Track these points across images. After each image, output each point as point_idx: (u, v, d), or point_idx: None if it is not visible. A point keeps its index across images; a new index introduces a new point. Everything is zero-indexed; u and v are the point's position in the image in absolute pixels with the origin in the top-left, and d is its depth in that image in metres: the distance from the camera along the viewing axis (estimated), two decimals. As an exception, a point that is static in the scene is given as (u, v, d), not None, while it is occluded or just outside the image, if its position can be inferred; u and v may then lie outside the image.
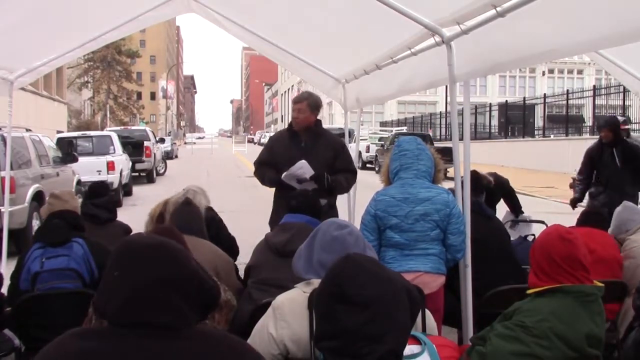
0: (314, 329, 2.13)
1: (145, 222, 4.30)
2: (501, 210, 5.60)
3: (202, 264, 2.78)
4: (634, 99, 20.46)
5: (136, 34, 61.46)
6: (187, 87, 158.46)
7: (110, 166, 14.27)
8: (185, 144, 68.13)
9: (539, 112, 28.86)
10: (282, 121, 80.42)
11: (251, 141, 73.24)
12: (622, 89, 20.29)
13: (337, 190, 4.66)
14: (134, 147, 18.83)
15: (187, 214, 3.71)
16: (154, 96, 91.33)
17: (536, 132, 28.42)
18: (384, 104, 48.85)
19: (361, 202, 4.44)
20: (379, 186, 3.73)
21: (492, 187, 4.89)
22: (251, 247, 3.59)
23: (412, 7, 3.55)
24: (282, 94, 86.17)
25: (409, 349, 1.92)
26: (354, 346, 1.57)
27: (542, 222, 5.31)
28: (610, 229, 4.25)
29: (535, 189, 16.25)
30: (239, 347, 1.58)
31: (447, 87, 4.29)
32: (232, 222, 5.14)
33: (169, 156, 31.10)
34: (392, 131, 30.88)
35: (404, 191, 3.42)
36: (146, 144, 19.73)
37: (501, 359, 2.37)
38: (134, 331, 1.44)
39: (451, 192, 3.61)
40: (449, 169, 4.59)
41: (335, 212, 4.59)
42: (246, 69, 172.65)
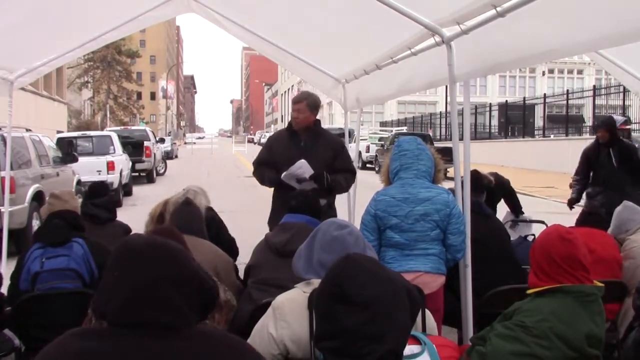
0: (314, 329, 2.13)
1: (145, 222, 4.30)
2: (502, 210, 5.60)
3: (202, 264, 2.78)
4: (634, 99, 20.46)
5: (136, 34, 61.46)
6: (187, 87, 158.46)
7: (110, 166, 14.27)
8: (185, 144, 68.15)
9: (539, 112, 28.85)
10: (282, 121, 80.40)
11: (251, 141, 73.23)
12: (622, 89, 20.28)
13: (337, 190, 4.66)
14: (134, 147, 18.83)
15: (187, 214, 3.71)
16: (154, 96, 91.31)
17: (536, 132, 28.41)
18: (384, 104, 48.85)
19: (361, 202, 4.44)
20: (379, 186, 3.73)
21: (492, 186, 4.88)
22: (251, 247, 3.59)
23: (412, 7, 3.55)
24: (282, 94, 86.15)
25: (409, 349, 1.92)
26: (354, 346, 1.57)
27: (542, 222, 5.31)
28: (610, 229, 4.25)
29: (535, 189, 16.25)
30: (239, 347, 1.58)
31: (447, 87, 4.29)
32: (232, 222, 5.14)
33: (169, 156, 31.11)
34: (392, 131, 30.87)
35: (404, 191, 3.42)
36: (146, 144, 19.74)
37: (501, 359, 2.37)
38: (134, 331, 1.44)
39: (451, 192, 3.61)
40: (449, 169, 4.59)
41: (334, 212, 4.59)
42: (246, 69, 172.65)
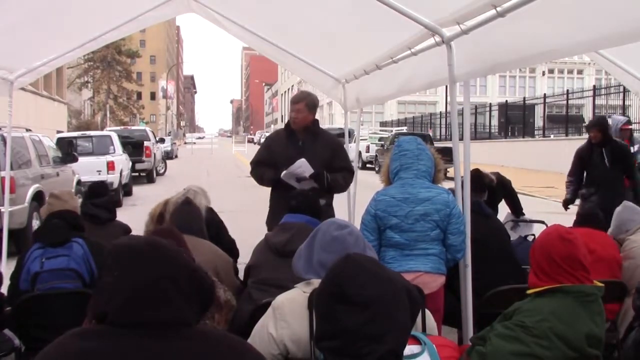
0: (314, 329, 2.13)
1: (145, 222, 4.30)
2: (503, 210, 5.60)
3: (202, 264, 2.78)
4: (634, 99, 20.45)
5: (136, 34, 61.42)
6: (187, 87, 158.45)
7: (110, 166, 14.28)
8: (185, 144, 68.15)
9: (539, 112, 28.83)
10: (282, 121, 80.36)
11: (251, 141, 73.21)
12: (622, 89, 20.26)
13: (336, 189, 4.67)
14: (134, 147, 18.84)
15: (187, 213, 3.71)
16: (154, 96, 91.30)
17: (536, 132, 28.40)
18: (384, 104, 48.84)
19: (361, 202, 4.44)
20: (379, 186, 3.73)
21: (494, 185, 4.88)
22: (251, 247, 3.58)
23: (412, 7, 3.55)
24: (282, 94, 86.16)
25: (409, 349, 1.92)
26: (354, 346, 1.57)
27: (542, 222, 5.31)
28: (610, 229, 4.25)
29: (535, 189, 16.25)
30: (239, 347, 1.58)
31: (447, 87, 4.29)
32: (231, 222, 5.14)
33: (169, 156, 31.11)
34: (392, 131, 30.86)
35: (404, 191, 3.42)
36: (146, 144, 19.75)
37: (501, 359, 2.37)
38: (134, 331, 1.44)
39: (451, 192, 3.61)
40: (449, 169, 4.59)
41: (332, 211, 4.60)
42: (246, 69, 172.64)
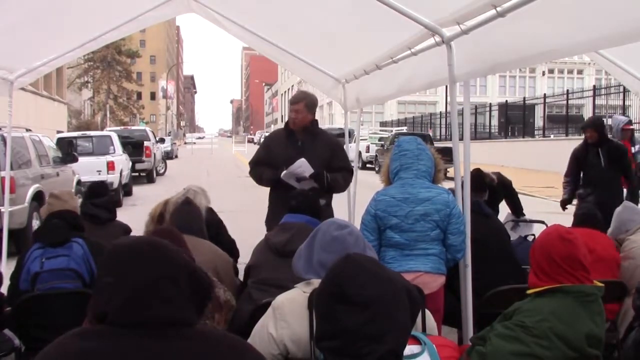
0: (314, 329, 2.13)
1: (145, 222, 4.30)
2: (504, 211, 5.61)
3: (202, 264, 2.78)
4: (634, 99, 20.44)
5: (136, 34, 61.43)
6: (187, 87, 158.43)
7: (110, 166, 14.28)
8: (185, 144, 68.15)
9: (539, 112, 28.83)
10: (281, 121, 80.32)
11: (251, 141, 73.21)
12: (622, 89, 20.26)
13: (335, 189, 4.68)
14: (134, 147, 18.84)
15: (187, 213, 3.71)
16: (154, 96, 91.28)
17: (536, 132, 28.40)
18: (384, 104, 48.84)
19: (361, 202, 4.44)
20: (379, 186, 3.73)
21: (494, 185, 4.89)
22: (251, 247, 3.59)
23: (412, 7, 3.55)
24: (282, 94, 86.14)
25: (409, 349, 1.92)
26: (354, 346, 1.56)
27: (542, 222, 5.31)
28: (610, 229, 4.25)
29: (535, 189, 16.25)
30: (239, 347, 1.58)
31: (447, 87, 4.29)
32: (231, 222, 5.14)
33: (169, 156, 31.11)
34: (392, 131, 30.86)
35: (404, 191, 3.42)
36: (146, 144, 19.75)
37: (501, 359, 2.37)
38: (134, 331, 1.44)
39: (451, 192, 3.61)
40: (449, 169, 4.58)
41: (331, 211, 4.60)
42: (246, 69, 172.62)
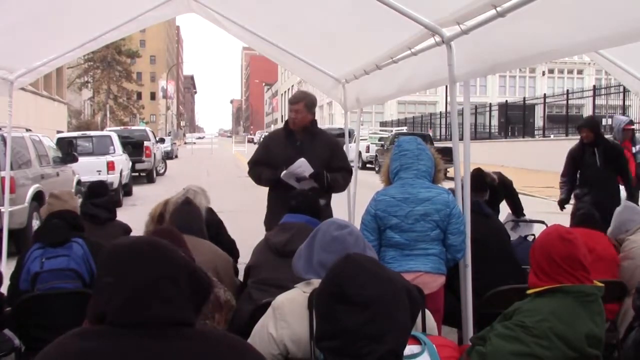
0: (314, 329, 2.13)
1: (145, 222, 4.30)
2: (504, 211, 5.61)
3: (202, 264, 2.77)
4: (634, 99, 20.44)
5: (136, 34, 61.41)
6: (187, 87, 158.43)
7: (110, 166, 14.28)
8: (185, 144, 68.14)
9: (539, 112, 28.84)
10: (281, 121, 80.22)
11: (251, 141, 73.16)
12: (622, 89, 20.27)
13: (335, 188, 4.68)
14: (134, 147, 18.85)
15: (187, 213, 3.71)
16: (154, 96, 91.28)
17: (536, 132, 28.40)
18: (384, 104, 48.84)
19: (361, 202, 4.44)
20: (379, 186, 3.73)
21: (495, 185, 4.89)
22: (251, 247, 3.59)
23: (412, 7, 3.55)
24: (282, 94, 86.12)
25: (409, 349, 1.92)
26: (354, 346, 1.56)
27: (542, 222, 5.31)
28: (610, 229, 4.25)
29: (535, 189, 16.24)
30: (239, 347, 1.57)
31: (447, 87, 4.29)
32: (231, 222, 5.14)
33: (169, 156, 31.11)
34: (392, 131, 30.86)
35: (404, 191, 3.42)
36: (146, 144, 19.75)
37: (501, 359, 2.37)
38: (134, 331, 1.44)
39: (451, 192, 3.61)
40: (449, 169, 4.59)
41: (329, 211, 4.60)
42: (246, 69, 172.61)
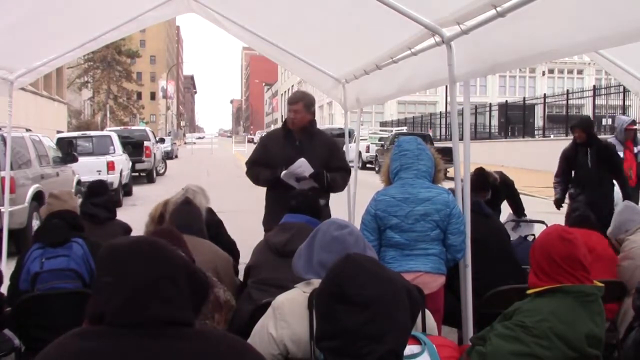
0: (314, 329, 2.13)
1: (145, 222, 4.30)
2: (505, 211, 5.61)
3: (202, 264, 2.78)
4: (634, 99, 20.45)
5: (136, 34, 61.41)
6: (187, 87, 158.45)
7: (110, 166, 14.28)
8: (185, 144, 68.16)
9: (539, 112, 28.83)
10: (281, 121, 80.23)
11: (251, 141, 73.12)
12: (622, 89, 20.27)
13: (335, 188, 4.69)
14: (134, 147, 18.85)
15: (187, 213, 3.71)
16: (154, 96, 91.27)
17: (536, 132, 28.39)
18: (384, 104, 48.83)
19: (361, 202, 4.44)
20: (379, 186, 3.73)
21: (497, 184, 4.90)
22: (251, 247, 3.59)
23: (412, 7, 3.55)
24: (282, 94, 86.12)
25: (409, 349, 1.92)
26: (354, 346, 1.56)
27: (542, 222, 5.31)
28: (609, 229, 4.25)
29: (535, 189, 16.23)
30: (239, 347, 1.58)
31: (447, 87, 4.29)
32: (231, 222, 5.15)
33: (169, 156, 31.12)
34: (392, 131, 30.86)
35: (404, 191, 3.42)
36: (146, 144, 19.76)
37: (501, 359, 2.37)
38: (134, 331, 1.44)
39: (451, 192, 3.61)
40: (449, 169, 4.59)
41: (328, 210, 4.61)
42: (246, 69, 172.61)
